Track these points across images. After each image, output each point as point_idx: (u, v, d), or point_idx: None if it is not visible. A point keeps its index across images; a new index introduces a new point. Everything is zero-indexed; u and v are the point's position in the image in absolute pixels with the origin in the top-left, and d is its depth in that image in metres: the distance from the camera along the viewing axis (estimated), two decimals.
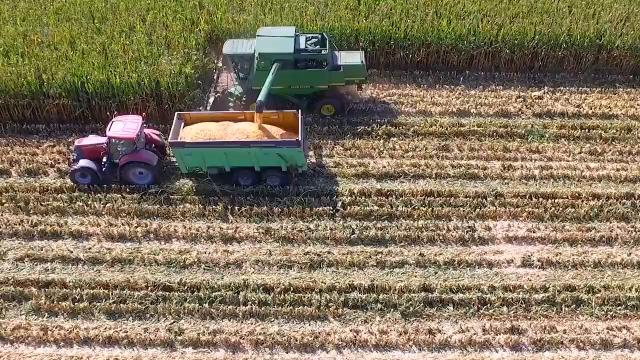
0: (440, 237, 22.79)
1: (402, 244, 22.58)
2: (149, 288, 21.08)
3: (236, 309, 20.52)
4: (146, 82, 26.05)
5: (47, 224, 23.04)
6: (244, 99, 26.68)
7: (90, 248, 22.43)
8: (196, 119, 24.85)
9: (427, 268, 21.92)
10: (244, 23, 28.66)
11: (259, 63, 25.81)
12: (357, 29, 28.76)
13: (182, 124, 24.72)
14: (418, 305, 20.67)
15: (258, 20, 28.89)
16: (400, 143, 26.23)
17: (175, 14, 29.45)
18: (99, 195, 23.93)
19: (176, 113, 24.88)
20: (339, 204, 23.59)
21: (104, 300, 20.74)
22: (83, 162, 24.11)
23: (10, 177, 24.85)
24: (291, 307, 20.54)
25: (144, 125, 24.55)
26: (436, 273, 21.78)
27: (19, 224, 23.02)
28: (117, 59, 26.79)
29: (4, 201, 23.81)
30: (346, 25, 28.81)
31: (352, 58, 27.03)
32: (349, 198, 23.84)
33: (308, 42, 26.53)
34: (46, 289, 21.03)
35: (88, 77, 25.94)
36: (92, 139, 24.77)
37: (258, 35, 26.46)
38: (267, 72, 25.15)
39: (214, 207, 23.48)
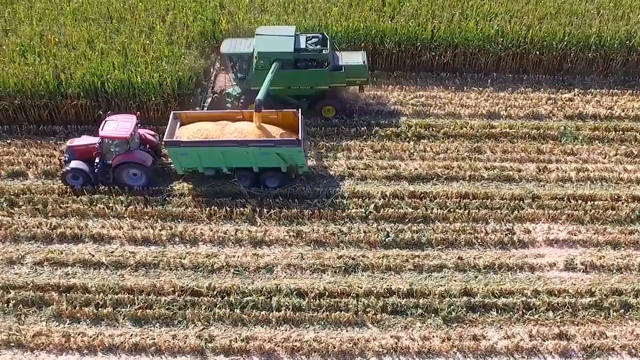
0: (479, 240, 21.87)
1: (440, 247, 21.65)
2: (176, 293, 20.06)
3: (269, 314, 19.49)
4: (168, 81, 25.21)
5: (67, 227, 22.03)
6: (242, 99, 25.78)
7: (112, 252, 21.40)
8: (193, 119, 23.90)
9: (466, 272, 20.98)
10: (267, 24, 27.88)
11: (258, 62, 24.95)
12: (382, 29, 28.03)
13: (178, 123, 23.75)
14: (460, 311, 19.70)
15: (281, 21, 28.14)
16: (430, 145, 25.36)
17: (195, 15, 28.68)
18: (120, 197, 22.93)
19: (172, 112, 23.92)
20: (372, 206, 22.67)
21: (128, 305, 19.69)
22: (74, 164, 23.09)
23: (27, 179, 23.85)
24: (327, 313, 19.52)
25: (138, 124, 23.58)
26: (476, 277, 20.83)
27: (37, 227, 22.01)
28: (138, 58, 25.93)
29: (21, 203, 22.82)
30: (371, 26, 28.09)
31: (353, 58, 26.20)
32: (381, 200, 22.93)
33: (308, 42, 25.72)
34: (67, 294, 20.01)
35: (108, 77, 25.06)
36: (84, 139, 23.82)
37: (257, 34, 25.63)
38: (266, 72, 24.30)
39: (241, 209, 22.50)
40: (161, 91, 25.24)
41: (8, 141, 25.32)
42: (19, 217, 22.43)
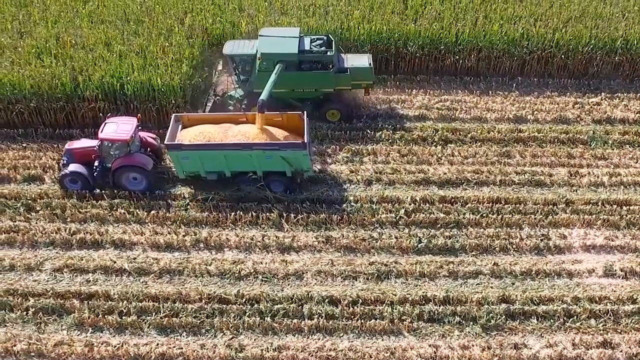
0: (514, 246, 21.16)
1: (474, 253, 20.95)
2: (203, 301, 19.22)
3: (301, 323, 18.67)
4: (189, 84, 24.53)
5: (87, 233, 21.25)
6: (244, 102, 25.08)
7: (135, 258, 20.58)
8: (195, 121, 23.15)
9: (503, 278, 20.25)
10: (289, 25, 27.29)
11: (261, 64, 24.25)
12: (406, 32, 27.48)
13: (180, 126, 23.01)
14: (499, 318, 18.94)
15: (302, 23, 27.51)
16: (458, 149, 24.74)
17: (214, 17, 28.08)
18: (141, 202, 22.18)
19: (173, 115, 23.20)
20: (402, 211, 21.95)
21: (153, 313, 18.85)
22: (73, 167, 22.26)
23: (44, 183, 23.07)
24: (361, 321, 18.73)
25: (139, 127, 22.77)
26: (513, 284, 20.10)
27: (56, 233, 21.22)
28: (157, 60, 25.25)
29: (38, 208, 22.01)
30: (395, 29, 27.54)
31: (359, 61, 25.54)
32: (411, 205, 22.25)
33: (313, 44, 25.12)
34: (89, 302, 19.13)
35: (128, 78, 24.35)
36: (83, 142, 23.04)
37: (260, 35, 25.02)
38: (269, 74, 23.63)
39: (267, 214, 21.75)
40: (182, 94, 24.55)
41: (24, 145, 24.56)
42: (36, 223, 21.63)
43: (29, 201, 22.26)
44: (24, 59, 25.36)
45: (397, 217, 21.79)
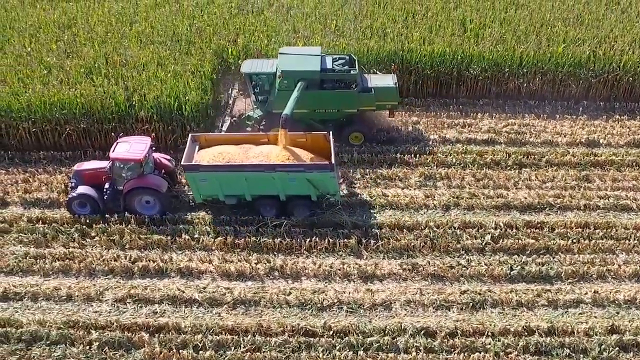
0: (612, 273, 19.66)
1: (570, 280, 19.41)
2: (287, 333, 17.44)
3: (397, 357, 16.89)
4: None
5: (149, 260, 19.55)
6: (263, 122, 23.75)
7: (204, 287, 18.86)
8: (213, 142, 21.69)
9: (606, 307, 18.66)
10: (346, 48, 26.22)
11: (282, 82, 22.96)
12: (469, 54, 26.49)
13: (197, 146, 21.55)
14: (612, 350, 17.29)
15: (361, 44, 26.51)
16: (535, 173, 23.46)
17: (269, 38, 26.98)
18: (206, 227, 20.58)
19: (190, 135, 21.74)
20: (488, 237, 20.48)
21: (232, 348, 17.01)
22: (82, 189, 20.79)
23: None
24: (463, 355, 16.97)
25: (153, 147, 21.37)
26: (618, 313, 18.52)
27: (115, 260, 19.52)
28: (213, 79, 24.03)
29: (93, 234, 20.34)
30: (458, 50, 26.56)
31: (383, 80, 24.33)
32: (497, 231, 20.77)
33: (335, 63, 23.96)
34: (159, 335, 17.29)
35: (186, 98, 22.97)
36: (93, 163, 21.63)
37: (280, 53, 23.95)
38: (289, 93, 22.29)
39: (345, 241, 20.18)
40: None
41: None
42: (92, 249, 19.92)
43: (83, 226, 20.61)
44: (73, 78, 24.00)
45: (484, 243, 20.32)
